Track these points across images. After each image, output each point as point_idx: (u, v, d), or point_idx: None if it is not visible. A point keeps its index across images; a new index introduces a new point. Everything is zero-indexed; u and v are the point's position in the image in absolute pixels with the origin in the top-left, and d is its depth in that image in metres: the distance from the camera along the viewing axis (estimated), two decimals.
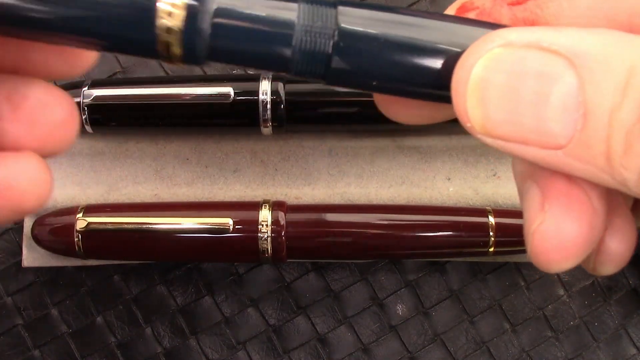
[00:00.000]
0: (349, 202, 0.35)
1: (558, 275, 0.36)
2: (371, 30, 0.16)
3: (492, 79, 0.15)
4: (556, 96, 0.14)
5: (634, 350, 0.35)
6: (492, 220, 0.33)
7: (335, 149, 0.36)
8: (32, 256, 0.35)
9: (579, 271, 0.36)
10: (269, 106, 0.33)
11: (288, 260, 0.33)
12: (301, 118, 0.35)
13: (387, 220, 0.33)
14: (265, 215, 0.32)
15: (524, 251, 0.34)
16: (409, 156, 0.36)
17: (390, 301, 0.35)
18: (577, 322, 0.36)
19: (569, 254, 0.15)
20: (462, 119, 0.15)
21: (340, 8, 0.16)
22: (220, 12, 0.16)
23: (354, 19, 0.16)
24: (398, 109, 0.19)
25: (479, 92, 0.15)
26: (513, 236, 0.33)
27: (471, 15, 0.18)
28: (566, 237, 0.15)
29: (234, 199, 0.35)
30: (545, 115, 0.14)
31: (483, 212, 0.33)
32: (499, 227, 0.33)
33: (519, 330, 0.35)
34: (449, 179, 0.36)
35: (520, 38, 0.15)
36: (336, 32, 0.16)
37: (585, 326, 0.36)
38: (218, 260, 0.35)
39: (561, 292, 0.36)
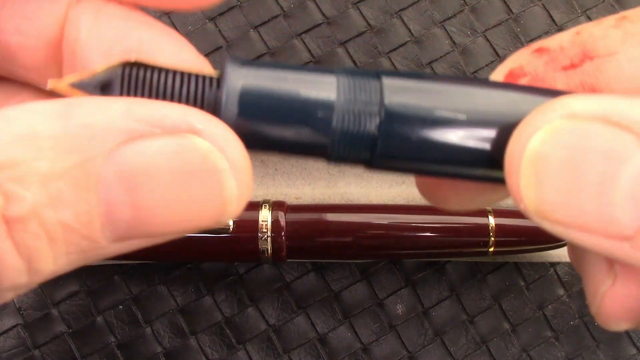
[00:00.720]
0: (348, 202, 0.35)
1: (558, 275, 0.36)
2: (421, 105, 0.14)
3: (550, 154, 0.13)
4: (624, 180, 0.12)
5: (633, 350, 0.35)
6: (492, 220, 0.33)
7: None
8: None
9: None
10: None
11: (288, 260, 0.33)
12: None
13: (387, 220, 0.33)
14: (265, 215, 0.32)
15: (523, 251, 0.34)
16: None
17: (390, 301, 0.35)
18: (577, 322, 0.36)
19: (637, 316, 0.14)
20: (515, 198, 0.14)
21: (385, 80, 0.14)
22: (246, 92, 0.14)
23: (401, 93, 0.14)
24: (448, 196, 0.17)
25: (535, 169, 0.13)
26: (513, 236, 0.33)
27: (522, 82, 0.16)
28: (637, 301, 0.14)
29: None
30: (610, 200, 0.12)
31: (483, 212, 0.33)
32: (499, 227, 0.33)
33: (519, 330, 0.35)
34: None
35: (586, 108, 0.13)
36: (383, 110, 0.14)
37: (585, 326, 0.36)
38: (218, 260, 0.35)
39: (561, 292, 0.36)
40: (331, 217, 0.33)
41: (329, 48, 0.37)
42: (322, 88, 0.14)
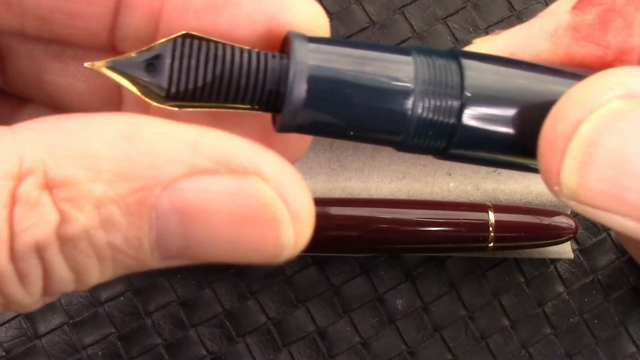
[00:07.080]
0: (349, 197, 0.35)
1: (558, 272, 0.36)
2: (504, 89, 0.13)
3: (603, 142, 0.12)
4: None
5: (633, 348, 0.35)
6: (492, 216, 0.33)
7: (336, 143, 0.36)
8: None
9: (578, 268, 0.36)
10: None
11: None
12: None
13: (387, 215, 0.33)
14: None
15: (523, 247, 0.34)
16: None
17: (390, 296, 0.36)
18: (577, 320, 0.36)
19: None
20: (549, 180, 0.13)
21: (464, 61, 0.13)
22: (316, 71, 0.12)
23: (482, 76, 0.13)
24: None
25: (583, 155, 0.12)
26: (512, 232, 0.33)
27: (593, 11, 0.14)
28: None
29: None
30: None
31: (483, 208, 0.33)
32: (498, 222, 0.33)
33: (518, 327, 0.35)
34: (450, 174, 0.36)
35: None
36: (464, 94, 0.12)
37: (585, 323, 0.36)
38: None
39: (561, 289, 0.36)
40: (332, 211, 0.33)
41: None
42: (399, 70, 0.12)
